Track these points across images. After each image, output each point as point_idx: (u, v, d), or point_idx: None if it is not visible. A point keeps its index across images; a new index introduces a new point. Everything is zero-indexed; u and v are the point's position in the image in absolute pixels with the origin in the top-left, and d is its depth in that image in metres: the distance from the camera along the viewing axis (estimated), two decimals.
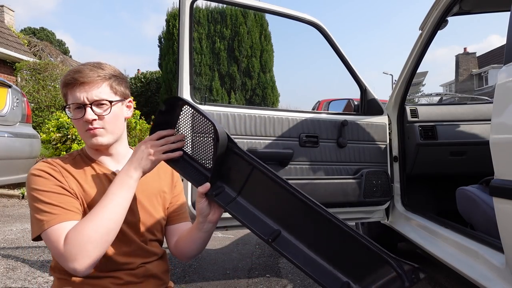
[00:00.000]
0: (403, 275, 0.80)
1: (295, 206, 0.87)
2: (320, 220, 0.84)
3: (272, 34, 12.52)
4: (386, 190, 2.27)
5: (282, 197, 0.88)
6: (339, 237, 0.83)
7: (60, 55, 13.31)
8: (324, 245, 0.84)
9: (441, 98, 4.55)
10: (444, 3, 1.94)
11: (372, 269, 0.81)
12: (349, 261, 0.83)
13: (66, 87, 1.01)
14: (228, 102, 11.43)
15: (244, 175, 0.92)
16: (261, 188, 0.91)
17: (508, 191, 1.14)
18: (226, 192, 0.92)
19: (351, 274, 0.81)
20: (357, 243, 0.82)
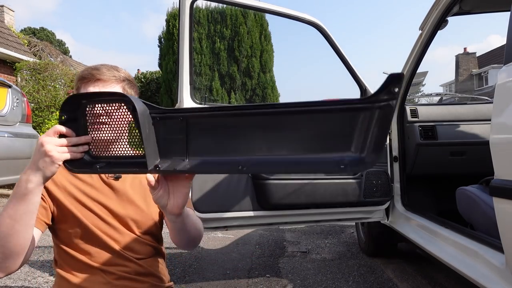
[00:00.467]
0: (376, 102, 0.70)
1: (247, 125, 0.79)
2: (275, 121, 0.77)
3: (272, 34, 12.53)
4: (386, 190, 2.27)
5: (231, 126, 0.81)
6: (303, 124, 0.76)
7: (60, 55, 13.31)
8: (297, 141, 0.76)
9: (441, 98, 4.55)
10: (444, 3, 1.94)
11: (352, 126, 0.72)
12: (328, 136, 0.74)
13: (81, 80, 1.04)
14: (228, 102, 11.43)
15: (183, 133, 0.84)
16: (206, 133, 0.83)
17: (508, 191, 1.14)
18: (173, 160, 0.83)
19: (338, 147, 0.73)
20: (321, 115, 0.75)
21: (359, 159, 0.71)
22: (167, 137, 0.84)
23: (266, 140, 0.78)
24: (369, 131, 0.70)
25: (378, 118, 0.70)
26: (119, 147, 0.84)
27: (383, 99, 0.69)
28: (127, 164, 0.84)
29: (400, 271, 2.63)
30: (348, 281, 2.44)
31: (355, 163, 0.71)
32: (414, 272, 2.59)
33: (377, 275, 2.54)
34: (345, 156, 0.71)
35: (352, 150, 0.71)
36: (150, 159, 0.81)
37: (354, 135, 0.71)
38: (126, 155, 0.85)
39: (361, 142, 0.71)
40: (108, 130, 0.83)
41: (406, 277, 2.50)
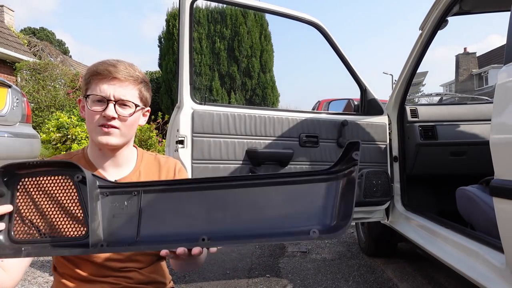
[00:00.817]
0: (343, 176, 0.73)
1: (209, 198, 0.77)
2: (240, 193, 0.76)
3: (272, 34, 12.53)
4: (386, 190, 2.27)
5: (191, 199, 0.77)
6: (269, 195, 0.75)
7: (60, 55, 13.31)
8: (264, 212, 0.75)
9: (441, 98, 4.55)
10: (444, 3, 1.94)
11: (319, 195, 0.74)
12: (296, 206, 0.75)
13: (95, 76, 0.96)
14: (228, 102, 11.44)
15: (134, 208, 0.77)
16: (163, 206, 0.77)
17: (508, 191, 1.14)
18: (121, 238, 0.75)
19: (307, 216, 0.74)
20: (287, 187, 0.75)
21: (330, 227, 0.71)
22: (116, 214, 0.76)
23: (230, 212, 0.75)
24: (336, 198, 0.73)
25: (344, 186, 0.73)
26: (53, 225, 0.73)
27: (345, 167, 0.73)
28: (62, 245, 0.73)
29: (400, 271, 2.63)
30: (348, 281, 2.44)
31: (326, 231, 0.71)
32: (414, 272, 2.59)
33: (377, 275, 2.54)
34: (315, 225, 0.71)
35: (320, 218, 0.72)
36: (93, 238, 0.72)
37: (322, 204, 0.73)
38: (63, 235, 0.73)
39: (330, 210, 0.72)
40: (46, 206, 0.73)
41: (406, 277, 2.50)
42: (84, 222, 0.73)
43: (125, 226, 0.75)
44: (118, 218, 0.76)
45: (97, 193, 0.76)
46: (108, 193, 0.77)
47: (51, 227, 0.73)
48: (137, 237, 0.74)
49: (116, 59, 1.00)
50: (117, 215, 0.76)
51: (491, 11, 2.27)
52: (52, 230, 0.73)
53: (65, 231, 0.73)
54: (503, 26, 1.30)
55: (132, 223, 0.76)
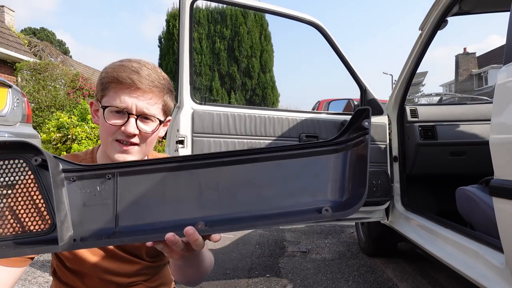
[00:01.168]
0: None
1: (193, 179, 0.66)
2: (229, 171, 0.65)
3: (272, 34, 12.55)
4: (386, 190, 2.27)
5: (173, 181, 0.66)
6: (269, 172, 0.65)
7: (60, 55, 13.31)
8: (265, 192, 0.64)
9: (441, 98, 4.55)
10: (444, 3, 1.95)
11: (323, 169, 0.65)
12: (299, 182, 0.65)
13: (115, 83, 0.83)
14: (228, 102, 11.44)
15: (110, 195, 0.65)
16: (144, 191, 0.65)
17: (508, 191, 1.14)
18: (97, 231, 0.63)
19: (315, 193, 0.65)
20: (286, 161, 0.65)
21: (342, 203, 0.63)
22: (87, 203, 0.64)
23: (226, 192, 0.65)
24: (346, 171, 0.65)
25: (354, 156, 0.65)
26: (9, 219, 0.60)
27: (355, 136, 0.65)
28: (25, 242, 0.60)
29: (400, 271, 2.63)
30: (348, 281, 2.44)
31: (339, 207, 0.62)
32: (414, 272, 2.59)
33: (377, 275, 2.54)
34: (325, 202, 0.63)
35: (331, 194, 0.64)
36: (61, 231, 0.59)
37: (331, 178, 0.64)
38: (23, 231, 0.61)
39: (340, 184, 0.64)
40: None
41: (406, 277, 2.50)
42: (48, 213, 0.61)
43: (100, 215, 0.64)
44: (90, 207, 0.64)
45: (61, 178, 0.63)
46: (75, 178, 0.64)
47: (7, 223, 0.60)
48: (116, 227, 0.63)
49: (138, 61, 0.86)
50: (88, 203, 0.64)
51: (491, 11, 2.27)
52: (9, 226, 0.60)
53: (26, 226, 0.61)
54: (503, 26, 1.30)
55: (108, 211, 0.64)
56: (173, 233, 0.59)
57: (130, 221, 0.64)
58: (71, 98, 8.95)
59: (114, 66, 0.84)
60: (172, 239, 0.59)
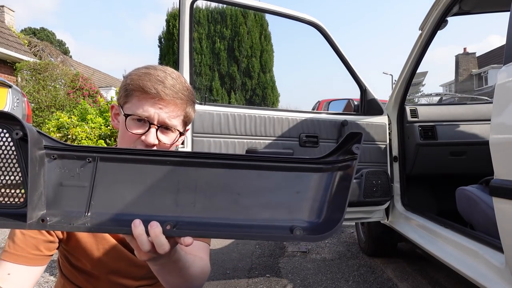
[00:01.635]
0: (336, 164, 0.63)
1: (173, 176, 0.64)
2: (210, 173, 0.64)
3: (272, 34, 12.56)
4: (386, 190, 2.28)
5: (153, 174, 0.63)
6: (249, 181, 0.63)
7: (60, 55, 13.31)
8: (241, 200, 0.63)
9: (441, 98, 4.55)
10: (444, 3, 1.95)
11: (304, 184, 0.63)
12: (275, 198, 0.63)
13: (139, 92, 0.83)
14: (228, 102, 11.44)
15: (87, 179, 0.63)
16: (121, 181, 0.63)
17: (508, 191, 1.14)
18: (67, 213, 0.61)
19: (291, 210, 0.62)
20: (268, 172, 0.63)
21: (317, 225, 0.61)
22: (64, 183, 0.62)
23: (203, 195, 0.63)
24: (328, 193, 0.62)
25: (338, 180, 0.62)
26: None
27: (342, 159, 0.62)
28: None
29: (400, 271, 2.63)
30: (348, 281, 2.45)
31: (312, 230, 0.60)
32: (414, 272, 2.59)
33: (377, 275, 2.54)
34: (300, 221, 0.60)
35: (307, 214, 0.61)
36: (32, 209, 0.57)
37: (307, 196, 0.62)
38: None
39: (318, 206, 0.61)
40: None
41: (406, 277, 2.50)
42: (22, 188, 0.60)
43: (73, 198, 0.62)
44: (66, 188, 0.62)
45: (41, 154, 0.61)
46: (56, 156, 0.63)
47: None
48: (86, 213, 0.61)
49: (163, 70, 0.86)
50: (65, 184, 0.62)
51: (491, 11, 2.27)
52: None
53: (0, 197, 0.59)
54: (503, 26, 1.30)
55: (82, 195, 0.62)
56: (141, 228, 0.57)
57: (101, 208, 0.62)
58: (71, 98, 8.95)
59: (139, 74, 0.84)
60: (139, 233, 0.57)
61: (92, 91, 9.44)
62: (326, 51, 2.24)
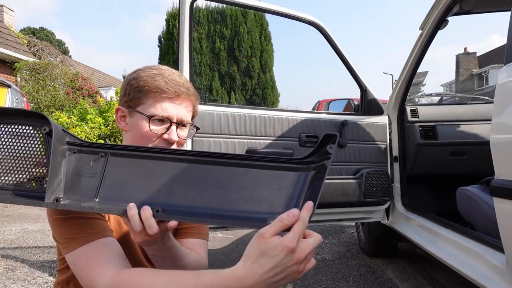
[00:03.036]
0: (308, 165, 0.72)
1: (169, 170, 0.74)
2: (205, 170, 0.73)
3: (272, 34, 12.56)
4: (386, 190, 2.27)
5: (152, 168, 0.74)
6: (234, 176, 0.72)
7: (59, 55, 13.31)
8: (225, 192, 0.71)
9: (441, 98, 4.56)
10: (444, 3, 1.94)
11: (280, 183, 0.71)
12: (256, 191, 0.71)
13: (157, 92, 0.86)
14: (228, 102, 11.45)
15: (99, 170, 0.74)
16: (126, 173, 0.74)
17: (508, 191, 1.14)
18: (80, 197, 0.72)
19: (268, 204, 0.70)
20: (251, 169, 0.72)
21: None
22: (80, 173, 0.74)
23: (193, 187, 0.72)
24: (303, 190, 0.69)
25: (312, 178, 0.70)
26: (12, 173, 0.71)
27: (317, 160, 0.71)
28: (19, 194, 0.71)
29: (400, 271, 2.63)
30: (348, 281, 2.44)
31: None
32: (414, 272, 2.59)
33: (377, 275, 2.54)
34: (274, 214, 0.66)
35: (282, 208, 0.68)
36: (51, 192, 0.69)
37: (286, 193, 0.70)
38: (19, 184, 0.72)
39: (293, 201, 0.69)
40: (5, 153, 0.71)
41: (406, 277, 2.50)
42: (46, 176, 0.70)
43: (86, 186, 0.73)
44: (81, 177, 0.74)
45: (64, 149, 0.74)
46: (76, 151, 0.75)
47: (12, 176, 0.71)
48: (95, 197, 0.72)
49: (169, 69, 0.91)
50: (81, 174, 0.74)
51: (491, 11, 2.27)
52: (13, 179, 0.71)
53: (27, 181, 0.72)
54: (503, 26, 1.30)
55: (93, 184, 0.73)
56: (134, 204, 0.67)
57: (107, 195, 0.72)
58: (70, 98, 8.95)
59: (151, 75, 0.88)
60: (130, 212, 0.65)
61: (91, 91, 9.44)
62: (326, 51, 2.24)
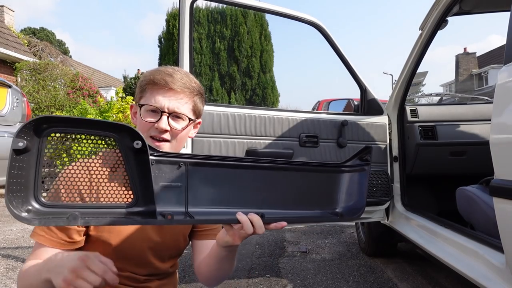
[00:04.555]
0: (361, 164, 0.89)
1: (249, 177, 0.81)
2: (274, 175, 0.83)
3: (272, 34, 12.55)
4: (386, 190, 2.27)
5: (231, 177, 0.79)
6: (296, 180, 0.86)
7: (60, 55, 13.32)
8: (291, 195, 0.86)
9: (441, 98, 4.55)
10: (444, 3, 1.94)
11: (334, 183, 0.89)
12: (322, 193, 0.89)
13: (152, 85, 0.94)
14: (228, 102, 11.44)
15: (182, 181, 0.75)
16: (206, 182, 0.78)
17: (508, 191, 1.14)
18: (171, 210, 0.74)
19: (326, 202, 0.88)
20: (313, 173, 0.87)
21: (350, 208, 0.88)
22: (161, 184, 0.73)
23: (278, 193, 0.83)
24: (351, 187, 0.89)
25: (357, 179, 0.88)
26: (97, 190, 0.68)
27: (359, 163, 0.89)
28: (109, 214, 0.68)
29: (400, 271, 2.63)
30: (348, 281, 2.44)
31: (349, 212, 0.87)
32: (414, 272, 2.59)
33: (377, 275, 2.54)
34: (336, 208, 0.88)
35: (339, 204, 0.88)
36: (157, 208, 0.70)
37: (339, 191, 0.89)
38: (107, 203, 0.68)
39: (346, 197, 0.89)
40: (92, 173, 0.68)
41: (406, 277, 2.50)
42: (131, 189, 0.69)
43: (172, 197, 0.74)
44: (164, 189, 0.74)
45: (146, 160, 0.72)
46: (153, 162, 0.73)
47: (94, 193, 0.68)
48: (186, 209, 0.75)
49: (172, 67, 0.98)
50: (162, 186, 0.74)
51: (491, 11, 2.27)
52: (95, 196, 0.68)
53: (112, 197, 0.68)
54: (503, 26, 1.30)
55: (179, 195, 0.74)
56: (241, 212, 0.75)
57: (197, 204, 0.76)
58: (71, 98, 8.94)
59: (151, 71, 0.97)
60: (243, 218, 0.75)
61: (92, 91, 9.43)
62: (326, 51, 2.24)
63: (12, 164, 0.60)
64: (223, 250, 0.85)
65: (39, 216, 0.62)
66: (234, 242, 0.80)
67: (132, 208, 0.69)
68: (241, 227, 0.75)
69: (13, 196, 0.61)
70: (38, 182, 0.63)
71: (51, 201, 0.64)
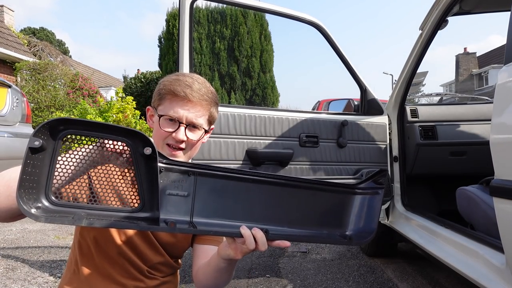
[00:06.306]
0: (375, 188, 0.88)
1: (258, 191, 0.80)
2: (283, 192, 0.82)
3: (272, 34, 12.55)
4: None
5: (242, 190, 0.79)
6: (306, 198, 0.84)
7: (60, 55, 13.32)
8: (300, 214, 0.83)
9: (441, 98, 4.55)
10: (444, 3, 1.94)
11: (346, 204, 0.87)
12: (330, 213, 0.86)
13: (171, 96, 0.96)
14: (228, 102, 11.44)
15: (190, 190, 0.75)
16: (215, 193, 0.78)
17: (508, 191, 1.14)
18: (176, 218, 0.74)
19: (337, 223, 0.86)
20: (322, 197, 0.85)
21: (359, 231, 0.87)
22: (168, 192, 0.74)
23: (283, 209, 0.81)
24: (362, 210, 0.87)
25: (369, 202, 0.88)
26: (105, 193, 0.69)
27: (373, 187, 0.89)
28: (120, 216, 0.69)
29: (400, 271, 2.63)
30: (348, 281, 2.44)
31: (359, 236, 0.87)
32: (414, 272, 2.59)
33: (377, 275, 2.54)
34: (345, 231, 0.86)
35: (348, 226, 0.87)
36: (160, 215, 0.70)
37: (350, 213, 0.87)
38: (114, 207, 0.69)
39: (356, 220, 0.88)
40: (101, 174, 0.69)
41: (406, 277, 2.50)
42: (138, 194, 0.70)
43: (179, 206, 0.74)
44: (171, 197, 0.74)
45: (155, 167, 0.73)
46: (163, 169, 0.74)
47: (110, 197, 0.69)
48: (191, 218, 0.74)
49: (191, 76, 1.00)
50: (170, 193, 0.74)
51: (491, 11, 2.27)
52: (102, 199, 0.69)
53: (119, 201, 0.70)
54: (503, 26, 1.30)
55: (185, 204, 0.74)
56: (245, 226, 0.73)
57: (202, 216, 0.75)
58: (70, 98, 8.94)
59: (171, 80, 0.99)
60: (247, 233, 0.73)
61: (91, 91, 9.44)
62: (326, 51, 2.24)
63: (26, 162, 0.62)
64: (222, 261, 0.85)
65: (46, 214, 0.64)
66: (235, 256, 0.79)
67: (137, 213, 0.70)
68: (243, 241, 0.74)
69: (24, 192, 0.62)
70: (50, 181, 0.65)
71: (60, 200, 0.66)
